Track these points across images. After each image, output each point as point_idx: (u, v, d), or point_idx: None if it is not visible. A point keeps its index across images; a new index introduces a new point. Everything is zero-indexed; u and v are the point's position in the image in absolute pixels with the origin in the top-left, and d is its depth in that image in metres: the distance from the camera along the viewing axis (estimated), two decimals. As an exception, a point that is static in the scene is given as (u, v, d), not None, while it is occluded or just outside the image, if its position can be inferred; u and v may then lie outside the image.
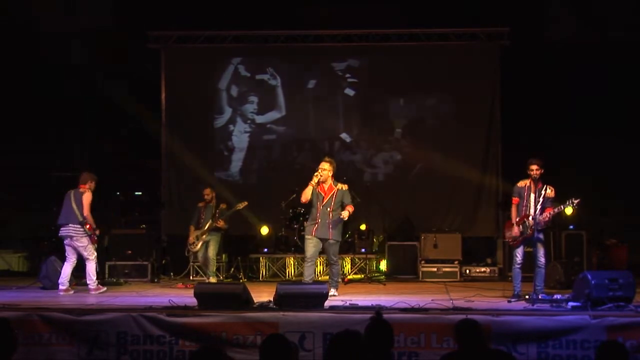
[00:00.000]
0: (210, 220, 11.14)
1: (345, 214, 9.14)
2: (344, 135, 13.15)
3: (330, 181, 9.21)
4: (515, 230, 8.76)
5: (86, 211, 9.90)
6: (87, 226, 9.88)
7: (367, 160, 13.13)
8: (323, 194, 9.16)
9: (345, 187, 9.35)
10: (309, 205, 9.35)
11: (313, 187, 9.12)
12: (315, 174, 9.15)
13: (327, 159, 9.46)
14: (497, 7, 12.41)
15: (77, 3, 12.63)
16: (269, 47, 13.24)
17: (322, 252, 9.50)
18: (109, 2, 12.73)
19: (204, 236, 11.13)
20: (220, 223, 11.09)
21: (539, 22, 12.52)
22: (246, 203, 11.06)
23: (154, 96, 13.13)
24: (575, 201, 8.48)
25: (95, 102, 12.71)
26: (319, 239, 9.17)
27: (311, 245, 9.16)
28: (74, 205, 9.90)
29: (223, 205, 11.30)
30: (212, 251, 11.12)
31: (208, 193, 11.36)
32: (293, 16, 12.80)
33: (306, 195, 9.14)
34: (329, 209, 9.13)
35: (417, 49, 12.96)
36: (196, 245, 11.16)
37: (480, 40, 12.82)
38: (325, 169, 9.15)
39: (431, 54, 12.96)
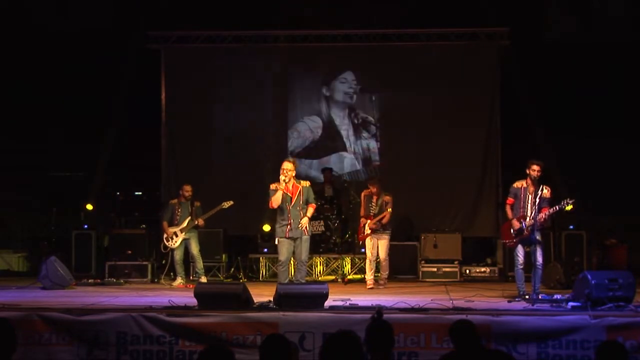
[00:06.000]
0: (189, 218, 10.94)
1: (304, 221, 9.12)
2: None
3: (293, 180, 9.19)
4: (515, 225, 8.73)
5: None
6: None
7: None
8: (290, 195, 9.12)
9: (307, 183, 9.42)
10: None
11: (282, 191, 9.05)
12: (281, 176, 9.05)
13: (289, 158, 9.54)
14: (497, 7, 12.42)
15: (77, 3, 12.63)
16: (269, 47, 13.24)
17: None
18: (109, 2, 12.74)
19: (182, 233, 10.94)
20: (200, 222, 10.90)
21: (539, 22, 12.53)
22: (232, 202, 10.88)
23: (154, 96, 13.12)
24: (570, 201, 8.50)
25: (95, 102, 12.70)
26: (293, 239, 9.14)
27: (285, 248, 9.13)
28: None
29: (197, 203, 11.09)
30: (195, 249, 11.02)
31: (189, 190, 11.09)
32: (293, 16, 12.80)
33: (277, 200, 9.05)
34: (298, 208, 9.15)
35: (417, 49, 12.95)
36: (175, 240, 10.95)
37: (480, 40, 12.81)
38: (289, 169, 9.10)
39: (431, 53, 12.95)
